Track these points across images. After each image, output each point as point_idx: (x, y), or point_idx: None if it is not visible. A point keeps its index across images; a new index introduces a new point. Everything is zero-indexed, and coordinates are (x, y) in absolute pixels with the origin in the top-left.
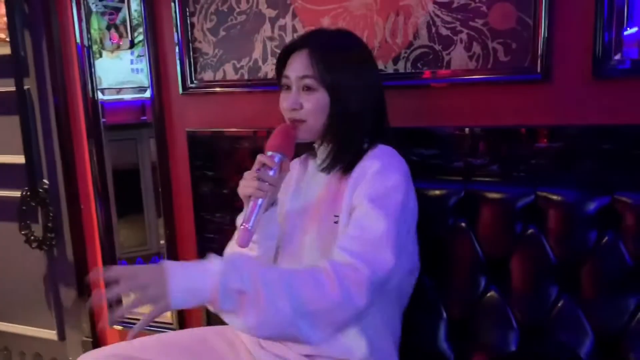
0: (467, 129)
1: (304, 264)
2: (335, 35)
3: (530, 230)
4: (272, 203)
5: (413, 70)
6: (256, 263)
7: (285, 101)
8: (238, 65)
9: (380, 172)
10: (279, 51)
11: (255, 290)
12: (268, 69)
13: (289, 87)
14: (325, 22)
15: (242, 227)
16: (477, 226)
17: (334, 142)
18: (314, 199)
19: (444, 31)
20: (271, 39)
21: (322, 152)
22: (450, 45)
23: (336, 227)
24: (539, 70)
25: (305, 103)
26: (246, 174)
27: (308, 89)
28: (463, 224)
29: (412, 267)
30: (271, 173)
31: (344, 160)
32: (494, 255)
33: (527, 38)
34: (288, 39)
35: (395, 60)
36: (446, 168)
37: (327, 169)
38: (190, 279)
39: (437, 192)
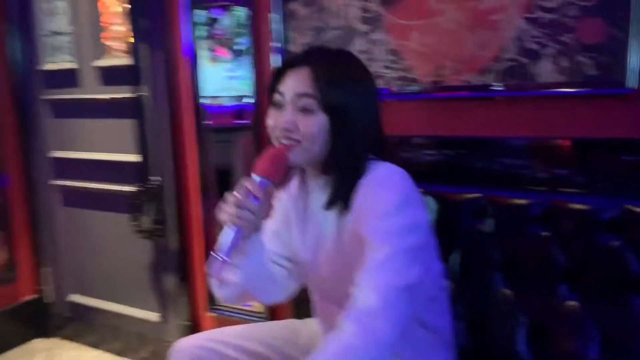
0: (553, 140)
1: (339, 292)
2: (337, 54)
3: (614, 243)
4: (255, 229)
5: (500, 83)
6: None
7: (278, 119)
8: None
9: (387, 200)
10: (370, 63)
11: None
12: None
13: (280, 105)
14: (415, 37)
15: (215, 255)
16: (560, 236)
17: (336, 174)
18: (326, 232)
19: (531, 45)
20: (362, 52)
21: (321, 185)
22: (538, 58)
23: (357, 255)
24: (628, 84)
25: (303, 125)
26: (228, 197)
27: (305, 110)
28: (545, 234)
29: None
30: (255, 202)
31: (348, 193)
32: (575, 266)
33: (617, 52)
34: (378, 53)
35: (483, 73)
36: (530, 178)
37: (331, 205)
38: None
39: (520, 201)
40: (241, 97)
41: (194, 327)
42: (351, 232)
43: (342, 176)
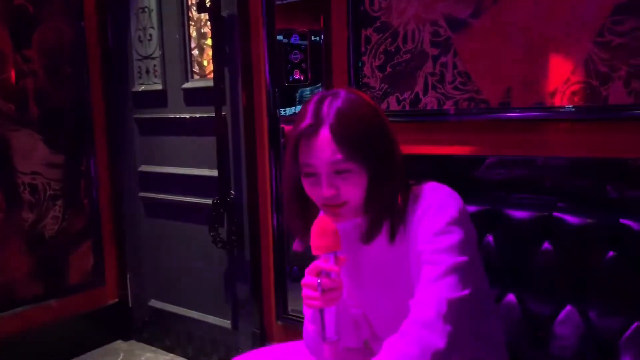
0: (624, 161)
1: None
2: (343, 101)
3: None
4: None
5: (570, 105)
6: None
7: (320, 190)
8: (401, 98)
9: (443, 219)
10: (439, 85)
11: None
12: (427, 101)
13: (314, 174)
14: (484, 59)
15: (328, 342)
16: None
17: (373, 212)
18: (374, 268)
19: (602, 68)
20: (432, 74)
21: (358, 223)
22: (608, 81)
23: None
24: None
25: (344, 186)
26: (305, 285)
27: (342, 173)
28: (613, 254)
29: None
30: (333, 276)
31: (384, 224)
32: None
33: None
34: (448, 75)
35: (553, 95)
36: (600, 199)
37: (372, 238)
38: None
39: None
40: None
41: (264, 335)
42: (407, 259)
43: (378, 213)
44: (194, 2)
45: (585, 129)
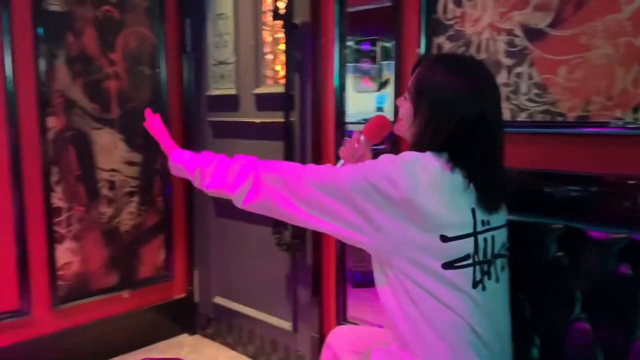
0: None
1: None
2: (437, 58)
3: None
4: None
5: None
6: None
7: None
8: None
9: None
10: (513, 96)
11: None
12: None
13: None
14: (562, 71)
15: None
16: None
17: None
18: None
19: None
20: (506, 85)
21: None
22: None
23: None
24: None
25: (401, 108)
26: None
27: (404, 97)
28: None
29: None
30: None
31: None
32: None
33: None
34: (523, 86)
35: (636, 110)
36: None
37: None
38: None
39: None
40: None
41: (323, 339)
42: None
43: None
44: (269, 9)
45: None
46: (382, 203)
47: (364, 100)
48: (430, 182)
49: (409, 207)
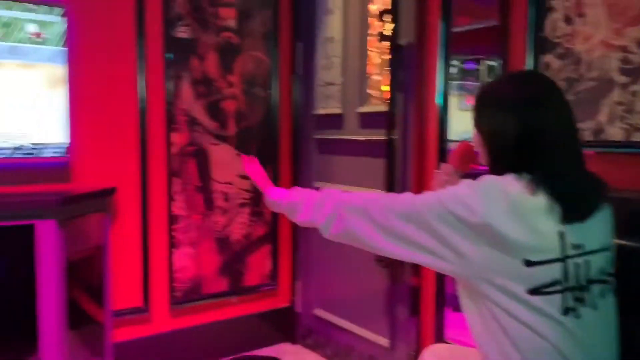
0: None
1: None
2: (490, 86)
3: None
4: None
5: None
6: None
7: None
8: (582, 127)
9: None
10: (627, 115)
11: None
12: (612, 132)
13: None
14: None
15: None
16: None
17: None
18: None
19: None
20: (620, 104)
21: None
22: None
23: None
24: None
25: (474, 138)
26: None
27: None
28: None
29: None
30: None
31: None
32: None
33: None
34: (638, 105)
35: None
36: None
37: None
38: None
39: None
40: None
41: None
42: None
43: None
44: (376, 32)
45: None
46: (461, 229)
47: (469, 118)
48: (508, 207)
49: (488, 231)
